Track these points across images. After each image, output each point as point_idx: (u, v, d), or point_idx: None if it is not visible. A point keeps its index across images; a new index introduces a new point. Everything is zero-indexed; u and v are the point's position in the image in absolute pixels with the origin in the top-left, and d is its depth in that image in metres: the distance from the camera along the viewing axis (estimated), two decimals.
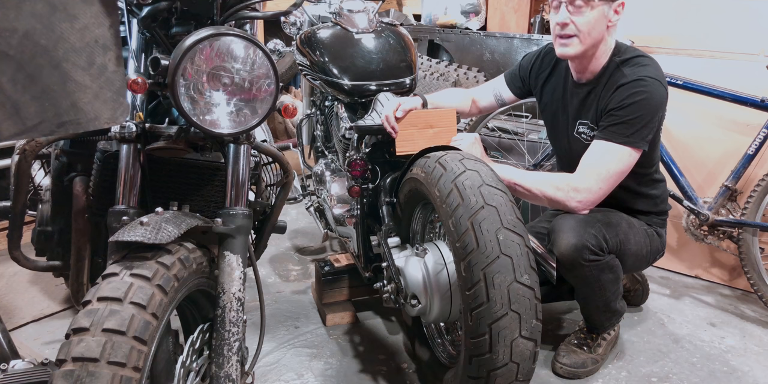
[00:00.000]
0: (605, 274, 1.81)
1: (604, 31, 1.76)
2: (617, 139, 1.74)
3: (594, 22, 1.72)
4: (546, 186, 1.74)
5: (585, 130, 1.90)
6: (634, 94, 1.73)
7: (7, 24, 0.87)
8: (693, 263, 2.72)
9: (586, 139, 1.89)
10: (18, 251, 1.59)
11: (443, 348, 1.87)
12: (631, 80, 1.74)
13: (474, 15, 3.90)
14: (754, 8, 2.40)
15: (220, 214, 1.28)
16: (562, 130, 2.00)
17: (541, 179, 1.78)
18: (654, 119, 1.75)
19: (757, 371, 2.03)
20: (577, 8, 1.71)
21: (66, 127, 0.96)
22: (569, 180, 1.75)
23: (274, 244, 2.88)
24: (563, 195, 1.73)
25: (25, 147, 1.48)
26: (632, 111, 1.72)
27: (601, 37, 1.77)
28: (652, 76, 1.75)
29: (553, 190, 1.74)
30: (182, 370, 1.16)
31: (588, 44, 1.76)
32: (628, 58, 1.81)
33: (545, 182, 1.75)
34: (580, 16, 1.72)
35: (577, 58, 1.83)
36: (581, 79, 1.90)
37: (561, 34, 1.76)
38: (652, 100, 1.73)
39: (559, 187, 1.74)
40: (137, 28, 1.40)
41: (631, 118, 1.72)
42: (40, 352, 1.97)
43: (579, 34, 1.74)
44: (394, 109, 1.79)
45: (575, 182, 1.74)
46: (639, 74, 1.75)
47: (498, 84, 2.18)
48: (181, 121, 1.41)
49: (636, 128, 1.73)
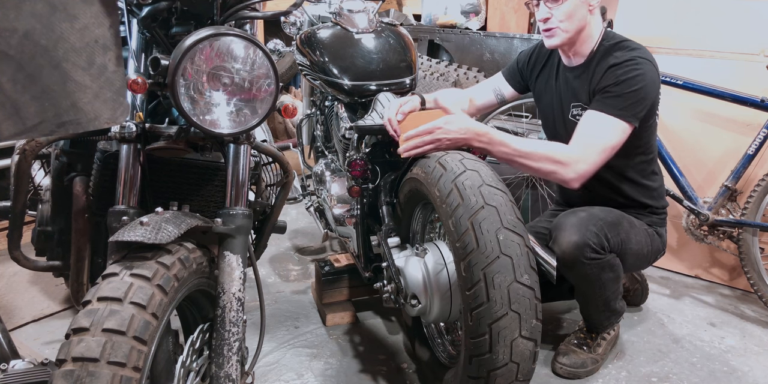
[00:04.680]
0: (606, 272, 1.81)
1: (587, 15, 1.84)
2: (610, 111, 1.75)
3: (573, 10, 1.81)
4: (544, 154, 1.69)
5: (579, 112, 1.92)
6: (627, 71, 1.77)
7: (7, 24, 0.87)
8: (693, 263, 2.72)
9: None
10: (18, 251, 1.59)
11: (443, 348, 1.87)
12: (624, 60, 1.79)
13: (474, 15, 3.91)
14: (754, 8, 2.40)
15: (220, 214, 1.28)
16: (557, 116, 2.02)
17: (540, 148, 1.71)
18: (647, 97, 1.77)
19: (757, 371, 2.03)
20: (554, 2, 1.80)
21: (66, 127, 0.95)
22: (566, 151, 1.71)
23: (274, 244, 2.87)
24: (560, 166, 1.69)
25: (25, 147, 1.48)
26: (626, 86, 1.75)
27: (584, 22, 1.85)
28: (644, 56, 1.81)
29: (551, 160, 1.69)
30: (182, 370, 1.16)
31: (572, 31, 1.84)
32: (617, 42, 1.87)
33: (543, 151, 1.70)
34: (558, 9, 1.81)
35: (565, 45, 1.90)
36: (572, 63, 1.95)
37: (544, 28, 1.86)
38: (646, 77, 1.77)
39: (556, 159, 1.69)
40: (137, 28, 1.40)
41: (624, 92, 1.75)
42: (40, 352, 1.97)
43: (560, 25, 1.83)
44: (395, 112, 1.79)
45: (573, 153, 1.70)
46: (631, 55, 1.81)
47: (497, 81, 2.21)
48: (181, 121, 1.41)
49: (629, 102, 1.75)
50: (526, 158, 1.68)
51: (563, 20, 1.81)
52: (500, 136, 1.67)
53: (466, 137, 1.65)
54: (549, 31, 1.85)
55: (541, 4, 1.83)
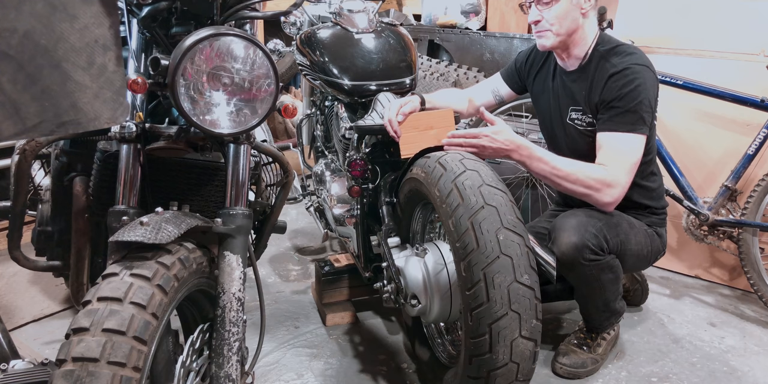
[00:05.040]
0: (605, 274, 1.81)
1: (578, 19, 1.84)
2: (624, 129, 1.76)
3: (564, 13, 1.81)
4: (580, 178, 1.71)
5: (577, 116, 1.93)
6: (628, 82, 1.77)
7: (7, 24, 0.87)
8: (693, 263, 2.72)
9: (580, 125, 1.92)
10: (18, 251, 1.59)
11: (443, 348, 1.87)
12: (621, 69, 1.79)
13: (474, 15, 3.90)
14: (754, 8, 2.40)
15: (220, 214, 1.28)
16: (555, 117, 2.03)
17: (577, 171, 1.72)
18: (651, 105, 1.79)
19: (757, 371, 2.03)
20: (545, 5, 1.82)
21: (66, 127, 0.95)
22: (600, 177, 1.72)
23: (274, 244, 2.88)
24: (595, 192, 1.72)
25: (25, 147, 1.48)
26: (630, 100, 1.76)
27: (576, 25, 1.85)
28: (641, 62, 1.81)
29: (586, 185, 1.71)
30: (182, 370, 1.16)
31: (563, 34, 1.84)
32: (612, 47, 1.87)
33: (580, 175, 1.71)
34: (548, 12, 1.82)
35: (558, 48, 1.90)
36: (568, 67, 1.95)
37: (536, 30, 1.87)
38: (647, 85, 1.78)
39: (590, 184, 1.71)
40: (137, 28, 1.40)
41: (631, 106, 1.76)
42: (40, 352, 1.97)
43: (551, 28, 1.84)
44: (395, 113, 1.79)
45: (606, 179, 1.72)
46: (628, 63, 1.81)
47: (495, 81, 2.23)
48: (181, 121, 1.41)
49: (638, 116, 1.76)
50: (562, 179, 1.71)
51: (554, 23, 1.82)
52: (539, 153, 1.71)
53: (510, 148, 1.70)
54: (540, 32, 1.86)
55: (532, 7, 1.85)
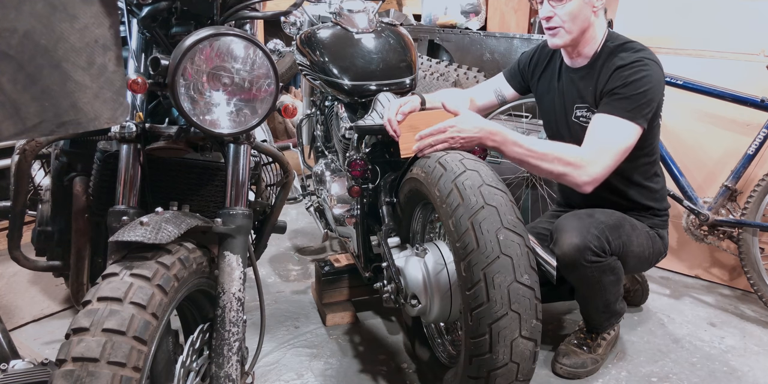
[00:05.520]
0: (606, 275, 1.81)
1: (590, 16, 1.83)
2: (619, 113, 1.74)
3: (576, 11, 1.80)
4: (558, 156, 1.68)
5: (583, 113, 1.92)
6: (634, 72, 1.77)
7: (7, 24, 0.87)
8: (693, 263, 2.72)
9: (585, 122, 1.90)
10: (18, 251, 1.59)
11: (443, 348, 1.87)
12: (630, 62, 1.79)
13: (474, 15, 3.90)
14: (755, 8, 2.40)
15: (220, 214, 1.28)
16: (560, 117, 2.02)
17: (554, 150, 1.70)
18: (654, 98, 1.77)
19: (757, 371, 2.03)
20: (558, 1, 1.80)
21: (66, 127, 0.95)
22: (579, 154, 1.70)
23: (274, 244, 2.88)
24: (573, 169, 1.67)
25: (25, 147, 1.48)
26: (634, 88, 1.75)
27: (588, 23, 1.84)
28: (650, 58, 1.81)
29: (564, 162, 1.67)
30: (182, 370, 1.16)
31: (575, 32, 1.83)
32: (621, 44, 1.87)
33: (557, 152, 1.69)
34: (561, 8, 1.80)
35: (569, 46, 1.89)
36: (575, 64, 1.94)
37: (547, 26, 1.85)
38: (653, 78, 1.77)
39: (568, 161, 1.67)
40: (137, 28, 1.40)
41: (633, 94, 1.75)
42: (40, 352, 1.97)
43: (564, 25, 1.82)
44: (395, 112, 1.79)
45: (586, 156, 1.69)
46: (637, 56, 1.80)
47: (498, 81, 2.22)
48: (181, 121, 1.41)
49: (638, 104, 1.74)
50: (539, 159, 1.67)
51: (566, 20, 1.81)
52: (513, 136, 1.67)
53: (480, 136, 1.65)
54: (552, 29, 1.84)
55: (544, 3, 1.82)
